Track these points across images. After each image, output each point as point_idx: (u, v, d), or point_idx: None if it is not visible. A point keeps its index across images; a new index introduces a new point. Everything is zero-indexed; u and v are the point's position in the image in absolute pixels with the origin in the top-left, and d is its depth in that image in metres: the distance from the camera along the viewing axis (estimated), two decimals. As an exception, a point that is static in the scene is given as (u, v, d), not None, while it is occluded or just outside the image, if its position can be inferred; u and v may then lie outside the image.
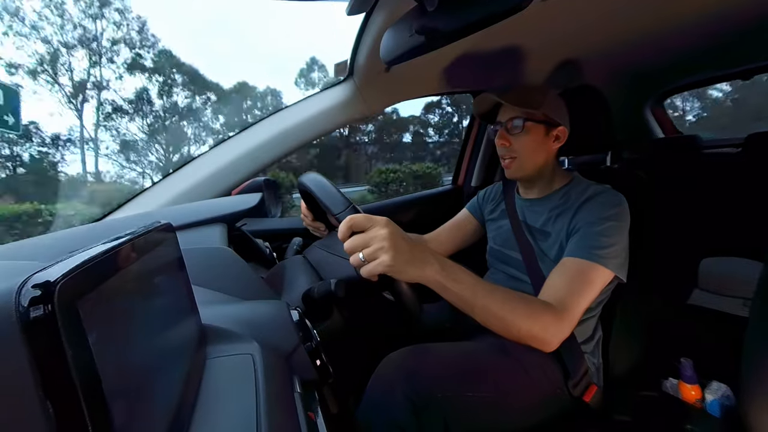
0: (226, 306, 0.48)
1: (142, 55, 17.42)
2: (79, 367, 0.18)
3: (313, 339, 0.45)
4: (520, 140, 0.80)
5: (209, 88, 18.92)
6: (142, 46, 17.62)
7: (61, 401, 0.17)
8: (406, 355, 0.65)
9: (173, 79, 18.07)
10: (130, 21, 17.37)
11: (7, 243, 0.56)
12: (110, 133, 17.55)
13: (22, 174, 15.69)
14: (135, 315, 0.26)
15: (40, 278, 0.18)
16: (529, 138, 0.80)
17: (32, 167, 15.79)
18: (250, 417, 0.29)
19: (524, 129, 0.79)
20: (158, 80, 17.68)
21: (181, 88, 18.37)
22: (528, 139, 0.80)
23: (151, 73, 17.51)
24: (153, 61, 17.62)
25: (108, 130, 17.47)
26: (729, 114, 14.21)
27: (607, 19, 0.90)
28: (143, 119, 17.85)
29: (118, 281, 0.24)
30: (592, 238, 0.69)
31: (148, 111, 17.75)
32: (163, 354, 0.28)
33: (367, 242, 0.51)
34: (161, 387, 0.26)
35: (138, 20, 17.37)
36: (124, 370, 0.22)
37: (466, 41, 0.74)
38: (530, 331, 0.60)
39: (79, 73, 16.72)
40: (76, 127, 17.08)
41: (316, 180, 0.66)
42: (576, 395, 0.70)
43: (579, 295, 0.65)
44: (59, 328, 0.17)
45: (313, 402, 0.42)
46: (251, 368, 0.35)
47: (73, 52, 16.53)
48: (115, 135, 17.57)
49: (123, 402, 0.21)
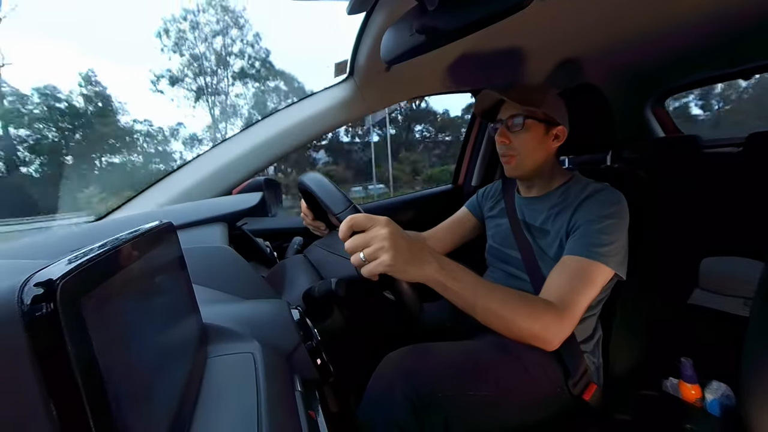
0: (227, 305, 0.48)
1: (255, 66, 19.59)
2: (82, 364, 0.18)
3: (313, 338, 0.45)
4: (521, 138, 0.80)
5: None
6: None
7: (63, 399, 0.17)
8: (407, 355, 0.65)
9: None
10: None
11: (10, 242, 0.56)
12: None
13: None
14: (136, 313, 0.26)
15: (42, 276, 0.18)
16: (529, 136, 0.80)
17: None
18: (251, 415, 0.29)
19: (525, 127, 0.79)
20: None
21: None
22: (528, 136, 0.80)
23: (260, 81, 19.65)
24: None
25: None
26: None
27: (608, 18, 0.90)
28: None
29: (120, 280, 0.24)
30: (592, 235, 0.70)
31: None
32: (164, 352, 0.28)
33: (368, 242, 0.51)
34: (163, 385, 0.26)
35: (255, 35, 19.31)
36: (126, 367, 0.22)
37: (467, 40, 0.74)
38: (531, 330, 0.60)
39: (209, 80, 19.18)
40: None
41: (316, 179, 0.66)
42: (576, 394, 0.70)
43: (580, 293, 0.65)
44: (62, 326, 0.17)
45: (313, 401, 0.42)
46: (252, 367, 0.35)
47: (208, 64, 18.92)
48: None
49: (125, 400, 0.21)
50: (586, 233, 0.70)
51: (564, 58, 1.13)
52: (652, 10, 0.86)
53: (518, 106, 0.78)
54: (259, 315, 0.45)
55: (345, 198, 0.59)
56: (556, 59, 1.14)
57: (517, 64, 1.12)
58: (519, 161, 0.82)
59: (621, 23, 0.93)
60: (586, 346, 0.75)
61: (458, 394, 0.63)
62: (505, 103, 0.82)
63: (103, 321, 0.21)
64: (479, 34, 0.56)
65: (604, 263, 0.67)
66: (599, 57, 1.15)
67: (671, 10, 0.87)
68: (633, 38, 1.02)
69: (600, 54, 1.13)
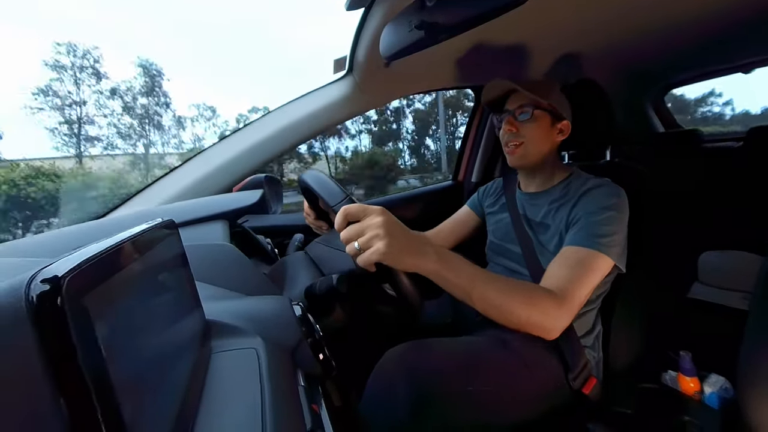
0: (229, 301, 0.49)
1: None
2: (89, 359, 0.18)
3: (315, 333, 0.46)
4: (528, 127, 0.81)
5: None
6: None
7: (72, 392, 0.17)
8: (407, 350, 0.66)
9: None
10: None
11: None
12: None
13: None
14: (141, 310, 0.26)
15: (48, 273, 0.18)
16: (536, 125, 0.81)
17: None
18: (255, 409, 0.29)
19: (533, 116, 0.80)
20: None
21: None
22: (535, 126, 0.81)
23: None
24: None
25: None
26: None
27: (608, 13, 0.89)
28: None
29: (124, 277, 0.24)
30: (593, 226, 0.70)
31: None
32: (168, 348, 0.28)
33: (362, 231, 0.51)
34: (168, 380, 0.27)
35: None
36: (131, 363, 0.22)
37: (466, 36, 0.74)
38: (530, 318, 0.60)
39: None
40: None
41: (314, 176, 0.66)
42: (576, 388, 0.71)
43: (579, 282, 0.65)
44: (68, 322, 0.17)
45: (316, 395, 0.42)
46: (255, 362, 0.35)
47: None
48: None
49: (132, 394, 0.21)
50: (586, 224, 0.71)
51: (564, 54, 1.13)
52: (652, 5, 0.85)
53: (528, 96, 0.79)
54: (261, 311, 0.45)
55: (341, 190, 0.59)
56: (556, 54, 1.13)
57: (517, 59, 1.12)
58: (524, 150, 0.82)
59: (621, 18, 0.92)
60: (586, 340, 0.75)
61: (459, 389, 0.63)
62: (513, 94, 0.83)
63: (108, 317, 0.21)
64: (479, 29, 0.56)
65: (604, 253, 0.67)
66: (599, 52, 1.14)
67: (672, 4, 0.86)
68: (633, 33, 1.01)
69: (600, 49, 1.12)
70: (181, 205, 0.74)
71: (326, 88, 1.04)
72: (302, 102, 1.02)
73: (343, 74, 1.02)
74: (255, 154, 0.95)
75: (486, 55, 1.05)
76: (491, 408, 0.66)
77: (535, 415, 0.69)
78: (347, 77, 1.02)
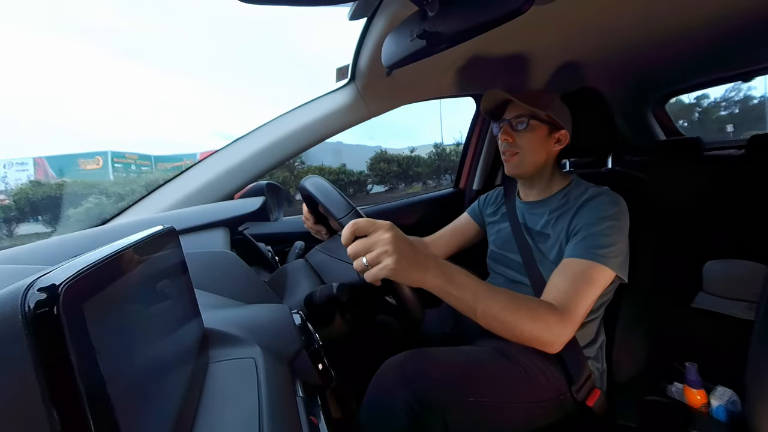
0: (228, 310, 0.48)
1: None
2: (84, 369, 0.18)
3: (315, 343, 0.45)
4: (524, 137, 0.81)
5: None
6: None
7: (65, 403, 0.17)
8: (407, 359, 0.65)
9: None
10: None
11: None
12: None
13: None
14: (138, 318, 0.26)
15: (45, 281, 0.18)
16: (532, 135, 0.81)
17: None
18: (252, 421, 0.29)
19: (529, 126, 0.81)
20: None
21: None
22: (531, 136, 0.81)
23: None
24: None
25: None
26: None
27: (609, 22, 0.90)
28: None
29: (122, 285, 0.24)
30: (593, 238, 0.69)
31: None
32: (166, 357, 0.28)
33: (371, 246, 0.51)
34: (164, 390, 0.26)
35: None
36: (127, 373, 0.22)
37: (468, 45, 0.75)
38: (533, 333, 0.60)
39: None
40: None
41: (318, 184, 0.66)
42: (579, 400, 0.70)
43: (581, 295, 0.65)
44: (64, 331, 0.17)
45: (315, 406, 0.42)
46: (254, 372, 0.35)
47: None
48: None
49: (128, 405, 0.21)
50: (586, 236, 0.70)
51: (565, 62, 1.14)
52: (653, 14, 0.86)
53: (525, 106, 0.79)
54: (260, 320, 0.45)
55: (347, 202, 0.59)
56: (557, 63, 1.14)
57: (518, 68, 1.13)
58: (520, 159, 0.82)
59: (622, 28, 0.93)
60: (589, 350, 0.74)
61: (459, 399, 0.63)
62: (511, 103, 0.84)
63: (105, 326, 0.21)
64: (480, 38, 0.56)
65: (605, 264, 0.67)
66: (601, 60, 1.15)
67: (673, 13, 0.87)
68: (634, 42, 1.02)
69: (601, 57, 1.13)
70: (182, 213, 0.74)
71: (328, 97, 1.04)
72: (304, 110, 1.02)
73: (346, 82, 1.03)
74: (257, 162, 0.95)
75: (487, 64, 1.06)
76: (492, 419, 0.65)
77: (538, 426, 0.67)
78: (349, 85, 1.03)
